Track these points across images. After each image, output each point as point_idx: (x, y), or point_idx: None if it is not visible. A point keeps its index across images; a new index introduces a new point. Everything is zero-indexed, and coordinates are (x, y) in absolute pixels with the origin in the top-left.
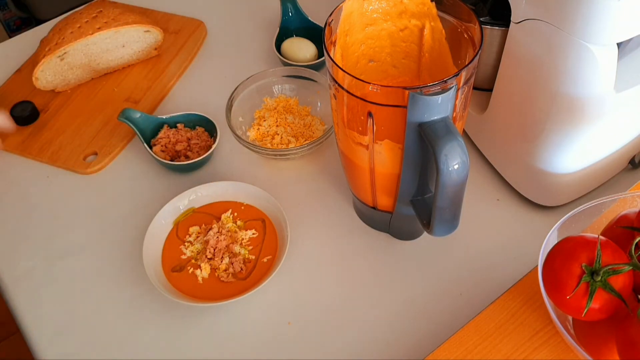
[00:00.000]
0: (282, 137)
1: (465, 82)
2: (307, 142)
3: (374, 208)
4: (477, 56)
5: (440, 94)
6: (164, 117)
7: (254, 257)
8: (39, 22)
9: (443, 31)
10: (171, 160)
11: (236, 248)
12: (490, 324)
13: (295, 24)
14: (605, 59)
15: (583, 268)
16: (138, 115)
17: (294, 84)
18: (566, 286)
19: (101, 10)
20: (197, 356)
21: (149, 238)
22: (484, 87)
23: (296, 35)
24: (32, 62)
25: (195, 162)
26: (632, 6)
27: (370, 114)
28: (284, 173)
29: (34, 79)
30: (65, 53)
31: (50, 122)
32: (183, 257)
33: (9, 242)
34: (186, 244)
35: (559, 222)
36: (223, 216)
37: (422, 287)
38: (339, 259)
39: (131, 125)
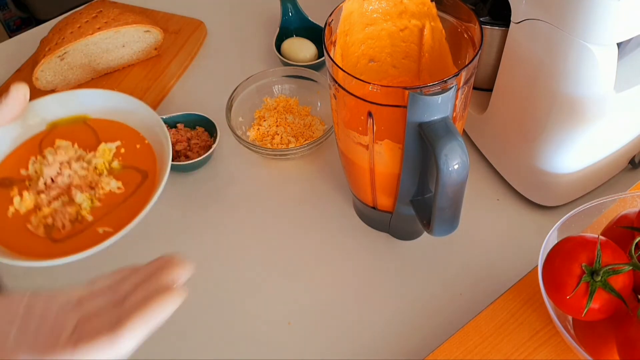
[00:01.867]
0: (282, 137)
1: (465, 82)
2: (307, 142)
3: (374, 208)
4: (477, 56)
5: (440, 94)
6: (164, 117)
7: (91, 219)
8: (39, 22)
9: (443, 31)
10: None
11: (79, 196)
12: (490, 323)
13: (295, 24)
14: (605, 59)
15: (583, 268)
16: None
17: (294, 84)
18: (566, 286)
19: (101, 10)
20: (198, 355)
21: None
22: (484, 87)
23: (296, 35)
24: (32, 62)
25: (195, 162)
26: (632, 6)
27: (370, 114)
28: (284, 173)
29: (34, 79)
30: (65, 53)
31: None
32: (23, 172)
33: None
34: (39, 158)
35: (559, 222)
36: (103, 146)
37: (422, 287)
38: (339, 258)
39: None
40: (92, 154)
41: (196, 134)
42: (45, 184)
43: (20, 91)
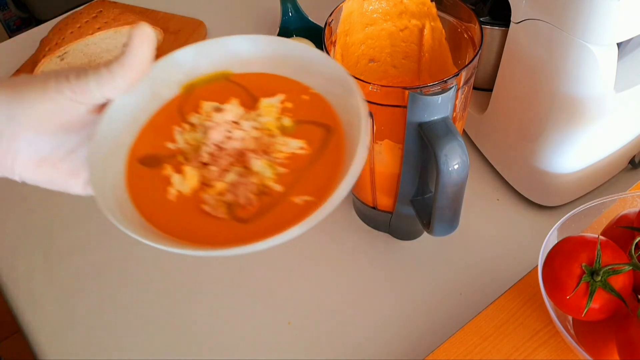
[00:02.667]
0: None
1: (465, 82)
2: None
3: (374, 208)
4: (477, 56)
5: (440, 94)
6: None
7: (280, 188)
8: (39, 22)
9: (443, 31)
10: None
11: (257, 163)
12: (490, 323)
13: (295, 24)
14: (606, 59)
15: (583, 268)
16: None
17: None
18: (566, 286)
19: (101, 10)
20: (199, 355)
21: (128, 100)
22: (484, 87)
23: (296, 36)
24: (32, 62)
25: None
26: (632, 6)
27: (370, 114)
28: None
29: None
30: (65, 53)
31: None
32: (170, 145)
33: (9, 241)
34: (185, 126)
35: (559, 222)
36: (264, 102)
37: (422, 287)
38: (339, 258)
39: None
40: (254, 113)
41: None
42: (210, 153)
43: (144, 35)
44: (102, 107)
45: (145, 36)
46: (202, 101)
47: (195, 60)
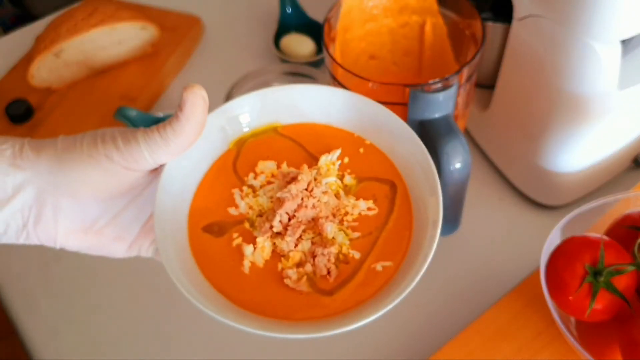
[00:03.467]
0: None
1: (467, 80)
2: None
3: None
4: (479, 53)
5: (441, 91)
6: (161, 114)
7: (358, 255)
8: (34, 18)
9: (444, 27)
10: None
11: (330, 228)
12: (492, 325)
13: (294, 20)
14: (609, 56)
15: (586, 268)
16: (134, 113)
17: (292, 81)
18: (569, 287)
19: (97, 7)
20: (194, 355)
21: (180, 162)
22: (486, 85)
23: (295, 32)
24: (27, 59)
25: None
26: (635, 3)
27: None
28: None
29: (29, 76)
30: (60, 50)
31: (45, 120)
32: (232, 210)
33: None
34: (245, 189)
35: (561, 222)
36: (324, 160)
37: (423, 288)
38: None
39: (127, 123)
40: (313, 172)
41: None
42: (282, 222)
43: (198, 99)
44: (151, 171)
45: (199, 99)
46: (259, 161)
47: (245, 112)
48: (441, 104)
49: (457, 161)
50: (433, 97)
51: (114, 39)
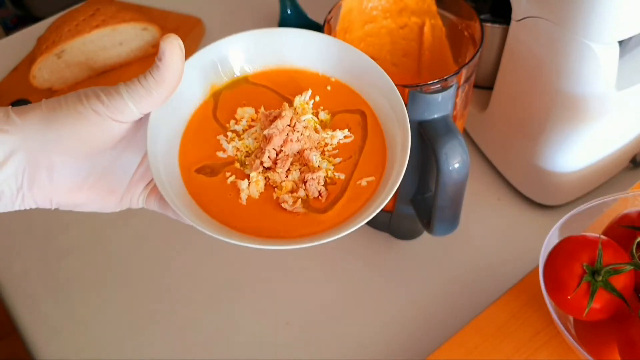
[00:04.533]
0: None
1: (466, 80)
2: None
3: None
4: (478, 54)
5: (440, 92)
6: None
7: (343, 176)
8: (36, 20)
9: (443, 29)
10: None
11: (315, 158)
12: (491, 324)
13: (294, 22)
14: (607, 57)
15: (584, 268)
16: None
17: None
18: (567, 286)
19: (98, 8)
20: (196, 355)
21: (163, 112)
22: (485, 85)
23: None
24: (29, 60)
25: None
26: (633, 4)
27: None
28: None
29: (31, 77)
30: (62, 51)
31: None
32: (220, 154)
33: (6, 241)
34: (229, 134)
35: (560, 222)
36: (298, 100)
37: (422, 287)
38: (339, 258)
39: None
40: (292, 111)
41: None
42: (271, 157)
43: (175, 47)
44: (137, 121)
45: (177, 47)
46: (238, 108)
47: (214, 62)
48: (440, 104)
49: (456, 161)
50: (432, 97)
51: (116, 40)
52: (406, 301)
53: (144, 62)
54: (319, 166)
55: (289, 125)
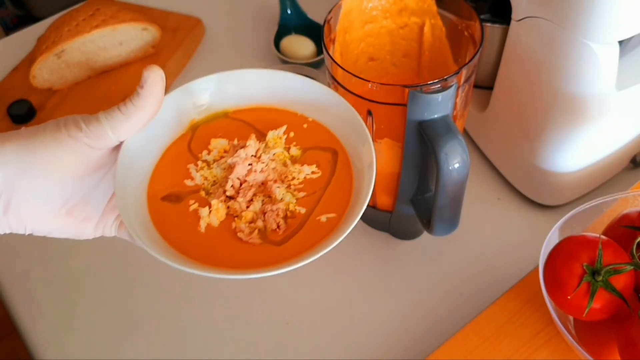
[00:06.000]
0: None
1: (466, 80)
2: None
3: (373, 207)
4: (478, 54)
5: (440, 92)
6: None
7: (304, 210)
8: (36, 20)
9: (443, 29)
10: None
11: (279, 190)
12: (490, 324)
13: (294, 22)
14: (607, 57)
15: (584, 268)
16: None
17: None
18: (567, 286)
19: (98, 8)
20: (196, 355)
21: (138, 143)
22: (485, 85)
23: (295, 33)
24: (29, 60)
25: None
26: (633, 4)
27: (369, 112)
28: None
29: (30, 77)
30: (62, 51)
31: (47, 120)
32: (188, 182)
33: (6, 241)
34: (200, 164)
35: (560, 222)
36: (271, 134)
37: (422, 287)
38: (338, 258)
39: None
40: (262, 144)
41: None
42: (234, 187)
43: (157, 77)
44: (114, 149)
45: (158, 77)
46: (212, 139)
47: (195, 97)
48: (440, 104)
49: (456, 161)
50: (432, 97)
51: (115, 40)
52: (406, 301)
53: (144, 62)
54: (281, 199)
55: (254, 156)
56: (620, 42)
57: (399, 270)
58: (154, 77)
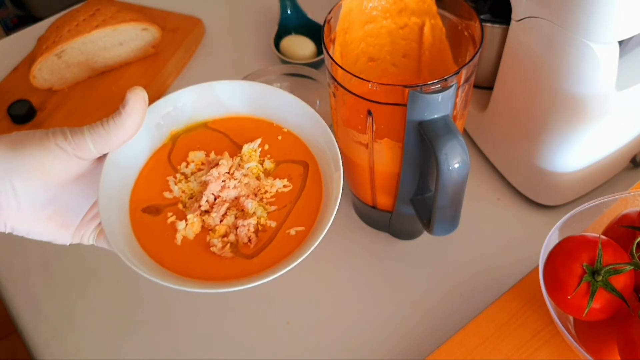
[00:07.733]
0: None
1: (466, 81)
2: None
3: (373, 207)
4: (478, 54)
5: (440, 92)
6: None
7: (274, 224)
8: (36, 20)
9: (443, 29)
10: None
11: (251, 205)
12: (490, 324)
13: (294, 22)
14: (607, 57)
15: (584, 268)
16: None
17: (292, 82)
18: (567, 286)
19: (99, 8)
20: (195, 355)
21: (124, 149)
22: (485, 86)
23: (295, 33)
24: (29, 60)
25: None
26: (633, 4)
27: (369, 113)
28: None
29: (31, 77)
30: (62, 51)
31: (47, 121)
32: (167, 194)
33: (6, 241)
34: (178, 176)
35: (560, 222)
36: (246, 148)
37: (422, 287)
38: (338, 258)
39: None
40: (239, 159)
41: None
42: (209, 202)
43: (140, 99)
44: (97, 160)
45: (140, 99)
46: (190, 151)
47: (177, 108)
48: (440, 104)
49: (456, 161)
50: (432, 97)
51: (116, 40)
52: (406, 301)
53: (144, 62)
54: (253, 212)
55: (228, 173)
56: (620, 42)
57: (399, 270)
58: (136, 99)
